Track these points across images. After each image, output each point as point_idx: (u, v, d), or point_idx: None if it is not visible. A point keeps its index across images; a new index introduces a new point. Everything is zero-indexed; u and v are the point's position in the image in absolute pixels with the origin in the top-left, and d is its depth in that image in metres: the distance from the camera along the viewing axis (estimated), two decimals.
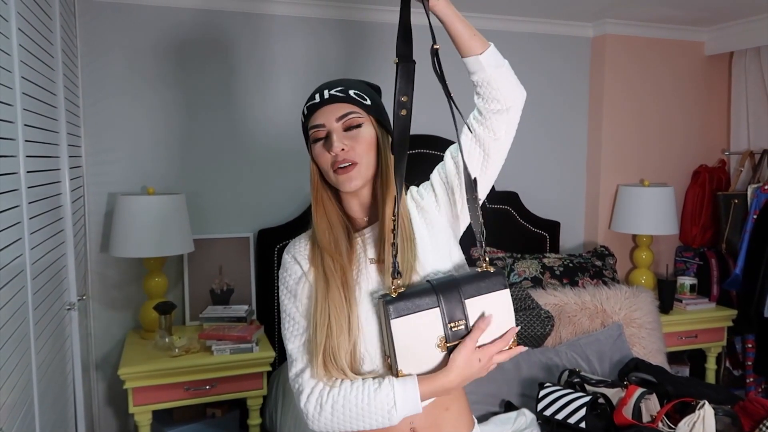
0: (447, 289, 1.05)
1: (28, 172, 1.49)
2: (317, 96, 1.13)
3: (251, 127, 2.78)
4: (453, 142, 1.18)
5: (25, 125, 1.48)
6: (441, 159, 1.21)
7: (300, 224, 2.72)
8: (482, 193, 1.16)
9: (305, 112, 1.15)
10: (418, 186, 1.24)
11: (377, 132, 1.14)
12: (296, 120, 2.82)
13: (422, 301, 1.04)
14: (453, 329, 1.04)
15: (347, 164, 1.10)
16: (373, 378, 1.08)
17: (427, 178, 1.23)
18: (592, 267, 3.00)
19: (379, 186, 1.14)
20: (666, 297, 3.03)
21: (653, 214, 3.09)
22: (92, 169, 2.57)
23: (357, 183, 1.12)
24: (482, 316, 1.07)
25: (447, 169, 1.17)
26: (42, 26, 1.72)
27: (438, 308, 1.04)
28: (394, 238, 1.07)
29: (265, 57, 2.77)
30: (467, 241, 1.24)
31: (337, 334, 1.08)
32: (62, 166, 1.99)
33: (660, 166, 3.38)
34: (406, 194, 1.19)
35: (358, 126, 1.12)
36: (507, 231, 3.08)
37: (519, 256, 2.96)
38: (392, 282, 1.06)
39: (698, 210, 3.35)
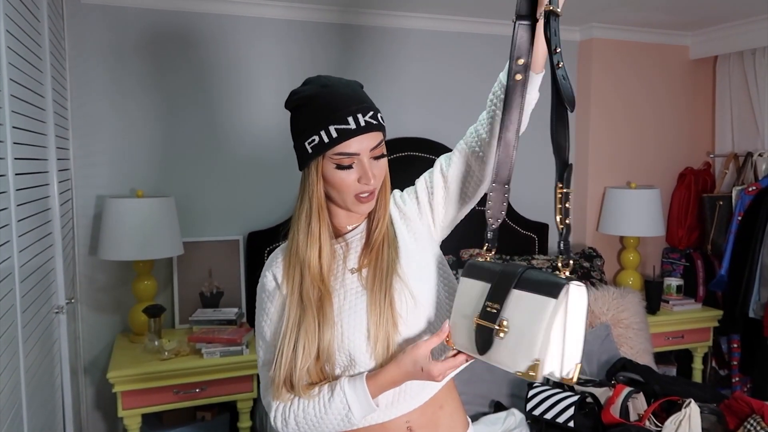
0: (508, 272, 0.99)
1: (16, 174, 1.49)
2: (351, 121, 1.05)
3: (241, 130, 2.78)
4: (443, 146, 1.19)
5: (14, 127, 1.48)
6: (431, 163, 1.22)
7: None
8: (462, 214, 1.20)
9: (333, 135, 1.05)
10: (402, 190, 1.25)
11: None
12: (285, 125, 2.82)
13: (485, 273, 1.03)
14: (487, 309, 0.99)
15: (370, 194, 1.10)
16: (330, 385, 1.10)
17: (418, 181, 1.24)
18: (580, 268, 3.03)
19: (378, 200, 1.16)
20: (653, 298, 3.06)
21: (640, 216, 3.12)
22: (80, 172, 2.56)
23: (372, 207, 1.13)
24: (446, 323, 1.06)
25: (434, 179, 1.18)
26: (30, 28, 1.72)
27: (488, 283, 1.01)
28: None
29: (254, 60, 2.77)
30: (458, 245, 1.26)
31: (302, 362, 1.08)
32: (50, 169, 1.98)
33: (646, 168, 3.42)
34: (390, 196, 1.21)
35: (383, 155, 1.11)
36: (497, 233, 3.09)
37: (508, 257, 2.98)
38: (485, 247, 1.08)
39: (684, 212, 3.39)
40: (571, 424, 2.02)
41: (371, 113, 1.08)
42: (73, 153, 2.54)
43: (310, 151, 1.08)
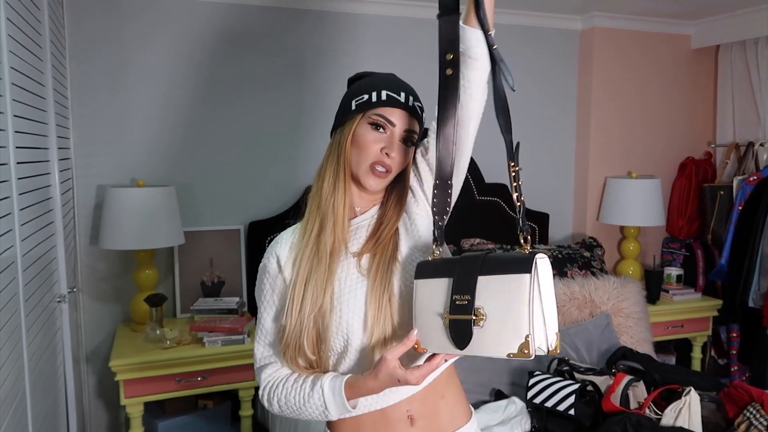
0: (468, 262, 0.98)
1: (17, 163, 1.48)
2: (402, 95, 1.13)
3: (241, 120, 2.77)
4: None
5: (15, 116, 1.47)
6: None
7: (290, 217, 2.72)
8: (457, 190, 1.16)
9: (383, 97, 1.12)
10: None
11: (415, 156, 1.18)
12: (286, 114, 2.83)
13: (442, 268, 1.00)
14: (456, 302, 0.96)
15: (385, 170, 1.13)
16: (313, 378, 1.13)
17: None
18: (581, 258, 3.03)
19: (391, 191, 1.20)
20: (653, 287, 3.07)
21: (641, 205, 3.13)
22: (81, 161, 2.55)
23: (380, 188, 1.16)
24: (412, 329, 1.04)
25: (419, 166, 1.19)
26: (30, 16, 1.71)
27: (450, 279, 0.98)
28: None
29: (255, 50, 2.76)
30: (459, 234, 1.25)
31: (309, 311, 1.10)
32: (51, 158, 1.98)
33: (647, 158, 3.41)
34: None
35: (410, 145, 1.16)
36: (497, 223, 3.10)
37: (509, 247, 2.99)
38: (435, 246, 1.08)
39: (685, 202, 3.39)
40: (572, 412, 2.03)
41: (421, 105, 1.17)
42: (74, 142, 2.53)
43: (353, 107, 1.14)
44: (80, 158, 2.55)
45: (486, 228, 3.00)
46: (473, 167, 3.02)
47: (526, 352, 0.90)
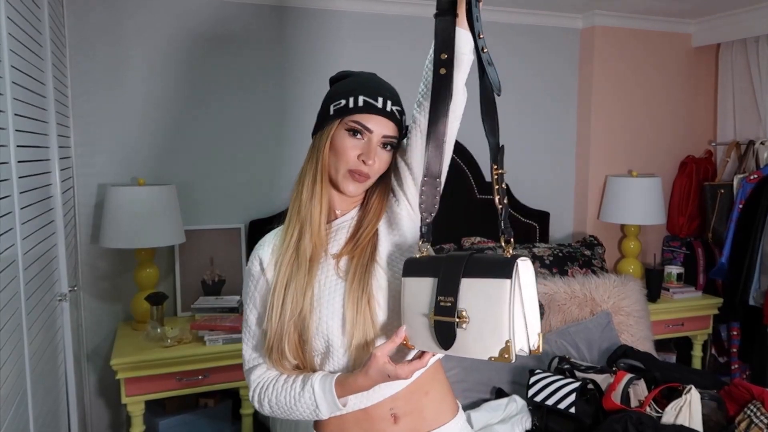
0: (454, 262, 0.99)
1: (18, 161, 1.48)
2: (380, 100, 1.12)
3: (242, 119, 2.77)
4: None
5: (15, 115, 1.47)
6: None
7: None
8: (442, 185, 1.17)
9: (360, 103, 1.12)
10: None
11: (394, 157, 1.18)
12: (286, 113, 2.83)
13: (428, 267, 1.02)
14: (441, 303, 0.98)
15: (363, 176, 1.13)
16: (303, 378, 1.13)
17: None
18: (581, 256, 3.03)
19: (372, 193, 1.20)
20: (653, 286, 3.07)
21: (641, 204, 3.13)
22: (81, 160, 2.55)
23: (359, 192, 1.17)
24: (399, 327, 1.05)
25: (399, 167, 1.19)
26: (30, 15, 1.71)
27: (435, 278, 1.00)
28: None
29: (256, 50, 2.76)
30: (459, 233, 1.25)
31: (289, 316, 1.12)
32: (52, 157, 1.98)
33: (648, 156, 3.41)
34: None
35: (390, 149, 1.16)
36: (497, 221, 3.10)
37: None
38: (421, 243, 1.08)
39: (685, 200, 3.39)
40: (573, 410, 2.03)
41: (399, 108, 1.16)
42: (74, 141, 2.53)
43: (331, 112, 1.14)
44: (81, 157, 2.55)
45: (486, 227, 3.00)
46: (473, 166, 3.02)
47: (506, 356, 0.92)
